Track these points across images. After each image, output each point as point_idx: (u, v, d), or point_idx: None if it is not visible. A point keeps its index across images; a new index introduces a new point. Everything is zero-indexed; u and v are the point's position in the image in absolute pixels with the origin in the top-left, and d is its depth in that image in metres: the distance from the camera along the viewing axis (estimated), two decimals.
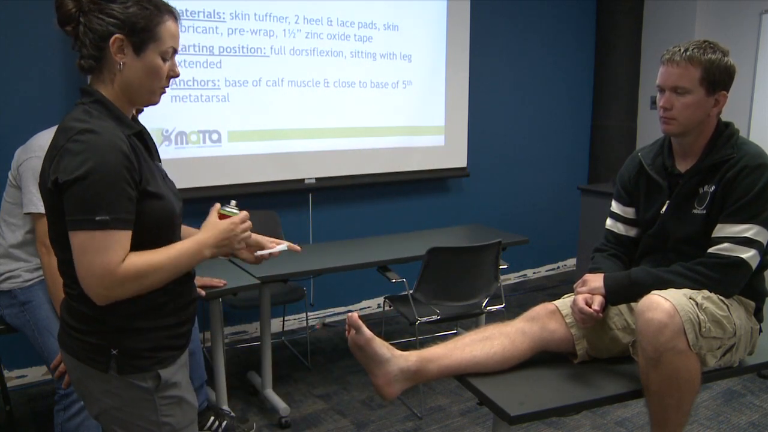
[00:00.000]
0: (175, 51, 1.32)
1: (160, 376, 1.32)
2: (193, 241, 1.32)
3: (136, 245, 1.23)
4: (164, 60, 1.29)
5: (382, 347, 1.65)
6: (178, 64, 1.35)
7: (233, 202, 1.44)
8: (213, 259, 1.38)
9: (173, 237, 1.35)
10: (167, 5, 1.30)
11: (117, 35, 1.24)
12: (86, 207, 1.16)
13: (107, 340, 1.28)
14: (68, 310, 1.33)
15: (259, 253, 1.50)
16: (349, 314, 1.65)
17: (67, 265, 1.28)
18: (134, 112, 1.38)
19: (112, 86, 1.28)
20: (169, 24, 1.29)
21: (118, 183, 1.18)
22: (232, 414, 2.71)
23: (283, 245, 1.54)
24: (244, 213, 1.40)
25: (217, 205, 1.42)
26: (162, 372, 1.33)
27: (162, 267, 1.25)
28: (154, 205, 1.27)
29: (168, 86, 1.35)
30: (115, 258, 1.18)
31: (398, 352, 1.67)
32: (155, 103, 1.35)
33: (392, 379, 1.64)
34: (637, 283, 1.71)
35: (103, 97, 1.28)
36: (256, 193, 3.64)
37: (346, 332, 1.67)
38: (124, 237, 1.20)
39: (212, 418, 2.59)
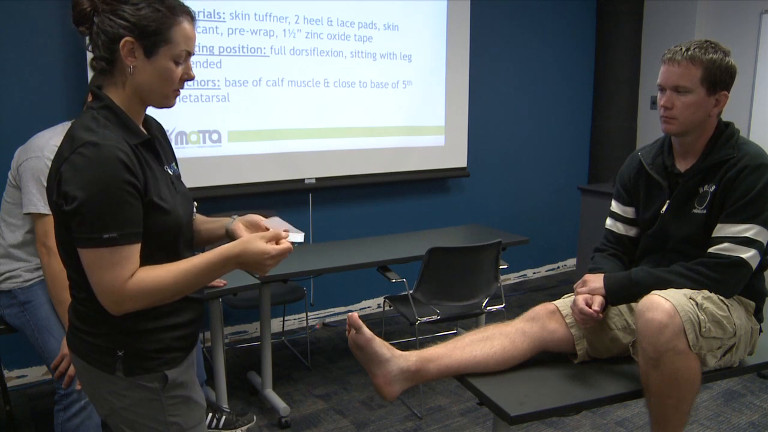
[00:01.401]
0: (189, 54, 1.28)
1: (167, 377, 1.32)
2: (218, 253, 1.25)
3: (141, 258, 1.22)
4: (177, 63, 1.26)
5: (382, 347, 1.65)
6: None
7: (302, 235, 1.35)
8: None
9: (180, 247, 1.33)
10: (182, 6, 1.27)
11: (127, 38, 1.21)
12: (94, 225, 1.15)
13: (113, 342, 1.28)
14: (75, 312, 1.33)
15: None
16: (350, 314, 1.65)
17: (72, 270, 1.28)
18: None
19: (123, 89, 1.26)
20: (184, 26, 1.25)
21: (122, 197, 1.17)
22: (230, 411, 2.71)
23: (299, 237, 1.37)
24: (288, 247, 1.29)
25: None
26: (169, 372, 1.33)
27: (174, 281, 1.23)
28: (158, 219, 1.25)
29: (182, 88, 1.31)
30: (124, 274, 1.18)
31: (398, 352, 1.67)
32: (170, 106, 1.32)
33: (392, 379, 1.64)
34: (637, 284, 1.71)
35: (113, 103, 1.25)
36: (256, 193, 3.64)
37: (347, 332, 1.67)
38: (133, 251, 1.20)
39: (210, 414, 2.59)
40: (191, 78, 1.30)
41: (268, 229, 1.37)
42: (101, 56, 1.25)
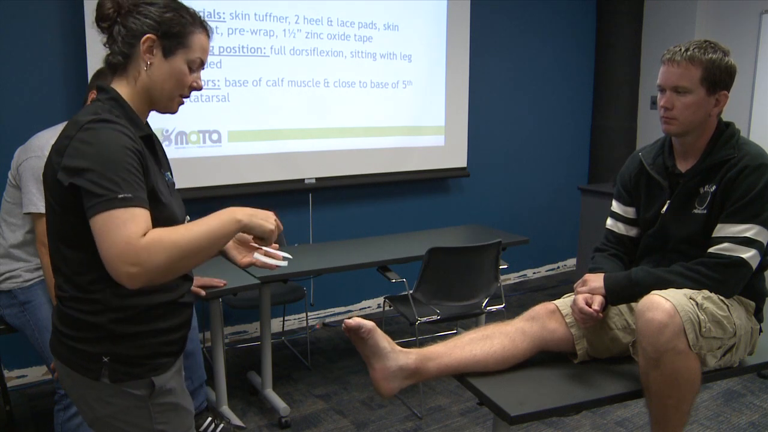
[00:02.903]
0: (202, 64, 1.34)
1: (154, 384, 1.30)
2: (224, 210, 1.26)
3: None
4: (190, 69, 1.32)
5: (384, 339, 1.65)
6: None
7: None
8: (217, 258, 1.36)
9: None
10: (202, 20, 1.34)
11: (150, 35, 1.26)
12: (109, 187, 1.14)
13: (99, 347, 1.26)
14: (59, 315, 1.30)
15: (249, 260, 1.46)
16: (345, 321, 1.63)
17: (63, 264, 1.26)
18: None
19: (134, 85, 1.30)
20: (202, 37, 1.32)
21: (133, 165, 1.18)
22: (238, 424, 2.71)
23: (281, 259, 1.44)
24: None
25: None
26: (156, 379, 1.30)
27: (191, 234, 1.18)
28: (155, 210, 1.24)
29: (188, 97, 1.36)
30: (136, 229, 1.13)
31: (399, 348, 1.67)
32: (173, 111, 1.36)
33: (390, 375, 1.64)
34: (637, 283, 1.71)
35: (119, 96, 1.28)
36: (256, 193, 3.64)
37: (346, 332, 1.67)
38: (146, 214, 1.17)
39: (209, 419, 2.59)
40: (199, 88, 1.36)
41: (256, 246, 1.45)
42: (119, 51, 1.28)
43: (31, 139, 2.25)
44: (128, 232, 1.12)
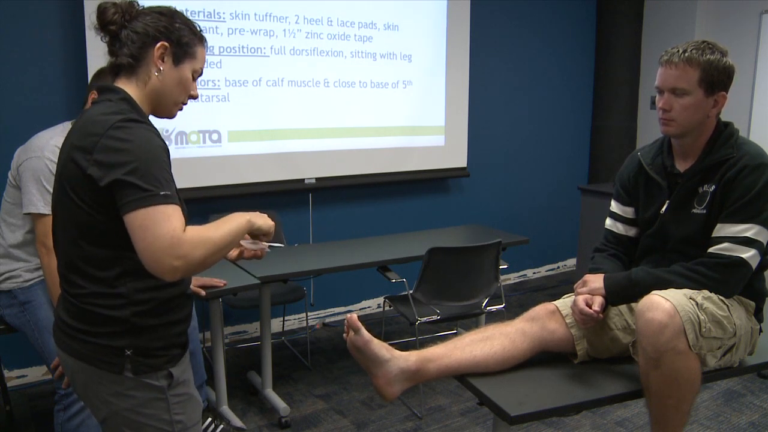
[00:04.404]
0: (200, 74, 1.42)
1: (172, 374, 1.35)
2: (231, 215, 1.36)
3: None
4: (193, 78, 1.40)
5: (381, 348, 1.65)
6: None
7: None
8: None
9: None
10: (203, 35, 1.42)
11: (164, 42, 1.33)
12: (151, 184, 1.19)
13: (121, 341, 1.28)
14: (75, 312, 1.30)
15: (236, 252, 1.53)
16: (348, 315, 1.65)
17: (83, 261, 1.27)
18: None
19: (143, 87, 1.34)
20: (203, 49, 1.42)
21: (168, 166, 1.25)
22: (238, 425, 2.70)
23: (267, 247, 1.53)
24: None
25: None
26: (173, 370, 1.35)
27: (221, 232, 1.28)
28: None
29: (186, 104, 1.42)
30: (179, 225, 1.20)
31: (398, 353, 1.67)
32: (173, 116, 1.42)
33: (392, 379, 1.65)
34: (637, 284, 1.71)
35: (130, 97, 1.32)
36: (256, 193, 3.64)
37: (345, 334, 1.67)
38: (181, 212, 1.23)
39: (210, 419, 2.59)
40: (195, 96, 1.43)
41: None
42: (130, 54, 1.32)
43: (31, 139, 2.25)
44: (173, 226, 1.19)
